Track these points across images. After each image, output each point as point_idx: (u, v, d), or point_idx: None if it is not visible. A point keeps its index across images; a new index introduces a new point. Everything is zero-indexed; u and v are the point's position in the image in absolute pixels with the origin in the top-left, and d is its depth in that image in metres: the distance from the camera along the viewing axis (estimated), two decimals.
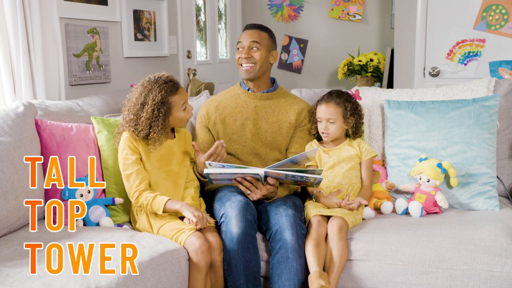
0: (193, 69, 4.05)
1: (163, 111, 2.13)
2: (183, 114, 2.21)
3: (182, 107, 2.19)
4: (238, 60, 2.45)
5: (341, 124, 2.35)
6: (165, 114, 2.14)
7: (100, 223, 2.22)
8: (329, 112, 2.33)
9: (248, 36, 2.43)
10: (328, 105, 2.34)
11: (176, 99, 2.17)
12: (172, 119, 2.19)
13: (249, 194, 2.23)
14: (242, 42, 2.43)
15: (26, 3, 2.37)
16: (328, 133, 2.34)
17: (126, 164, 2.14)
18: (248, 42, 2.41)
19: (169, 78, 2.20)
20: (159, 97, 2.12)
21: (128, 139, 2.16)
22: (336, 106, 2.33)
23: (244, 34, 2.45)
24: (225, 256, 2.06)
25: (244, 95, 2.50)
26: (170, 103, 2.15)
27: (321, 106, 2.35)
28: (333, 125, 2.33)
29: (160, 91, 2.13)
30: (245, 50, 2.41)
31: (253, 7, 5.16)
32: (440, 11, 3.46)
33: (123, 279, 1.68)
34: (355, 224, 2.19)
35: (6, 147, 2.06)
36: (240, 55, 2.43)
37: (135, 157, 2.15)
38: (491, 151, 2.37)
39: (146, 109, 2.12)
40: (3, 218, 1.98)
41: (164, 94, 2.13)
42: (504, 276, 1.92)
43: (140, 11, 3.38)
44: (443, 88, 2.65)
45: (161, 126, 2.14)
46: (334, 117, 2.32)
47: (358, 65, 4.36)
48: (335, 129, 2.34)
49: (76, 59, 2.81)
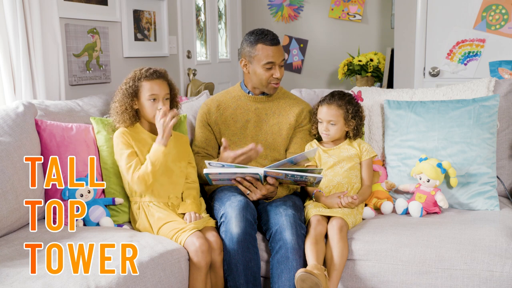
0: (193, 69, 4.05)
1: (128, 86, 2.21)
2: (149, 106, 2.21)
3: (150, 97, 2.20)
4: (269, 79, 2.39)
5: (342, 126, 2.35)
6: (129, 91, 2.21)
7: (100, 223, 2.22)
8: (331, 114, 2.33)
9: (279, 56, 2.37)
10: (329, 107, 2.34)
11: (146, 84, 2.21)
12: (140, 106, 2.23)
13: (248, 194, 2.23)
14: (274, 61, 2.36)
15: (26, 3, 2.37)
16: (329, 134, 2.34)
17: (122, 158, 2.18)
18: (279, 61, 2.38)
19: (157, 68, 2.26)
20: (132, 74, 2.23)
21: (121, 135, 2.20)
22: (338, 109, 2.33)
23: (275, 52, 2.36)
24: (225, 256, 2.06)
25: (245, 97, 2.50)
26: (139, 85, 2.21)
27: (323, 108, 2.35)
28: (334, 127, 2.33)
29: (138, 71, 2.23)
30: (279, 70, 2.38)
31: (253, 7, 5.16)
32: (440, 11, 3.46)
33: (123, 279, 1.68)
34: (355, 224, 2.19)
35: (6, 147, 2.06)
36: (275, 76, 2.38)
37: (130, 150, 2.18)
38: (491, 151, 2.37)
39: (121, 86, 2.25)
40: (3, 218, 1.98)
41: (138, 75, 2.22)
42: (504, 276, 1.92)
43: (140, 11, 3.38)
44: (443, 88, 2.65)
45: (121, 100, 2.21)
46: (335, 119, 2.33)
47: (358, 65, 4.36)
48: (336, 131, 2.34)
49: (76, 59, 2.81)
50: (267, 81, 2.39)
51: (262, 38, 2.36)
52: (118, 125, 2.24)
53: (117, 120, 2.24)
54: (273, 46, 2.36)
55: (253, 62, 2.39)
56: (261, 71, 2.37)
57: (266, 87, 2.42)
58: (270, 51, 2.35)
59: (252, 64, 2.39)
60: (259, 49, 2.36)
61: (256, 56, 2.37)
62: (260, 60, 2.36)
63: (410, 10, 3.57)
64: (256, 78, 2.40)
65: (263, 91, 2.47)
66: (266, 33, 2.37)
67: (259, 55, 2.36)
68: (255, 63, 2.38)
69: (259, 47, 2.36)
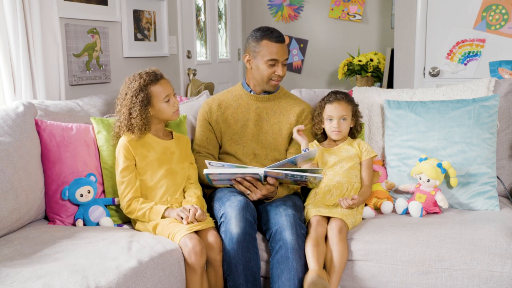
0: (193, 69, 4.05)
1: (141, 98, 2.16)
2: (166, 106, 2.20)
3: (165, 99, 2.19)
4: (270, 76, 2.41)
5: (350, 123, 2.40)
6: (144, 103, 2.16)
7: (100, 223, 2.22)
8: (343, 109, 2.37)
9: (283, 54, 2.39)
10: (340, 103, 2.37)
11: (157, 88, 2.19)
12: (155, 111, 2.20)
13: (249, 194, 2.23)
14: (278, 59, 2.38)
15: (26, 3, 2.37)
16: (341, 131, 2.37)
17: (119, 170, 2.18)
18: (282, 59, 2.39)
19: (152, 69, 2.23)
20: (137, 84, 2.17)
21: (124, 146, 2.18)
22: (348, 104, 2.39)
23: (280, 49, 2.38)
24: (224, 256, 2.06)
25: (246, 96, 2.50)
26: (149, 92, 2.18)
27: (332, 105, 2.38)
28: (345, 122, 2.37)
29: (139, 79, 2.18)
30: (281, 68, 2.39)
31: (253, 7, 5.16)
32: (440, 11, 3.46)
33: (123, 279, 1.68)
34: (355, 224, 2.19)
35: (6, 147, 2.06)
36: (277, 73, 2.39)
37: (127, 164, 2.17)
38: (491, 151, 2.37)
39: (127, 98, 2.18)
40: (3, 218, 1.98)
41: (143, 82, 2.17)
42: (504, 276, 1.92)
43: (140, 11, 3.38)
44: (443, 88, 2.65)
45: (140, 114, 2.15)
46: (347, 114, 2.37)
47: (358, 65, 4.36)
48: (346, 127, 2.39)
49: (76, 59, 2.81)
50: (269, 77, 2.41)
51: (268, 35, 2.38)
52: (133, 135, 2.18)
53: (137, 132, 2.17)
54: (277, 43, 2.38)
55: (257, 58, 2.41)
56: (264, 67, 2.39)
57: (267, 84, 2.43)
58: (275, 48, 2.37)
59: (256, 59, 2.41)
60: (263, 45, 2.38)
61: (260, 51, 2.39)
62: (264, 56, 2.38)
63: (410, 10, 3.57)
64: (258, 74, 2.42)
65: (264, 89, 2.47)
66: (272, 30, 2.41)
67: (263, 51, 2.38)
68: (259, 58, 2.40)
69: (264, 43, 2.38)
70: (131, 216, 2.18)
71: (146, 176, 2.19)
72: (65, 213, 2.22)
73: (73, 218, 2.22)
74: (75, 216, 2.21)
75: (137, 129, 2.16)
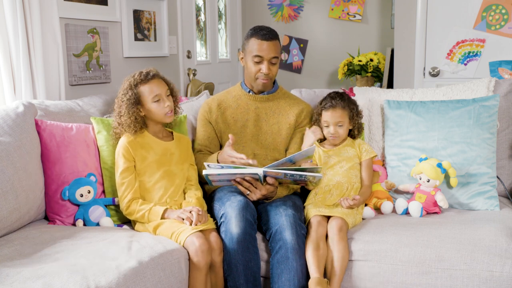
0: (193, 69, 4.05)
1: (128, 97, 2.16)
2: (156, 107, 2.19)
3: (154, 99, 2.18)
4: (256, 74, 2.41)
5: (348, 126, 2.39)
6: (132, 101, 2.16)
7: (100, 223, 2.22)
8: (338, 115, 2.35)
9: (269, 51, 2.37)
10: (335, 110, 2.36)
11: (145, 88, 2.18)
12: (146, 111, 2.20)
13: (248, 195, 2.23)
14: (263, 56, 2.37)
15: (26, 3, 2.37)
16: (338, 136, 2.36)
17: (119, 171, 2.18)
18: (269, 57, 2.38)
19: (148, 69, 2.23)
20: (127, 84, 2.19)
21: (124, 147, 2.18)
22: (343, 110, 2.37)
23: (265, 46, 2.36)
24: (225, 256, 2.06)
25: (245, 96, 2.50)
26: (138, 91, 2.18)
27: (328, 112, 2.37)
28: (342, 128, 2.36)
29: (131, 78, 2.20)
30: (267, 66, 2.38)
31: (253, 7, 5.16)
32: (440, 11, 3.46)
33: (123, 279, 1.68)
34: (355, 224, 2.19)
35: (6, 147, 2.06)
36: (262, 71, 2.39)
37: (127, 165, 2.17)
38: (491, 151, 2.37)
39: (119, 96, 2.21)
40: (3, 218, 1.98)
41: (133, 82, 2.18)
42: (504, 276, 1.92)
43: (140, 11, 3.38)
44: (443, 88, 2.65)
45: (128, 113, 2.16)
46: (342, 120, 2.36)
47: (358, 65, 4.36)
48: (344, 132, 2.37)
49: (76, 59, 2.81)
50: (255, 75, 2.42)
51: (257, 33, 2.40)
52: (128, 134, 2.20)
53: (128, 131, 2.19)
54: (264, 40, 2.37)
55: (246, 55, 2.44)
56: (251, 64, 2.41)
57: (255, 82, 2.44)
58: (259, 45, 2.37)
59: (246, 57, 2.45)
60: (251, 42, 2.40)
61: (248, 48, 2.42)
62: (251, 53, 2.40)
63: (410, 10, 3.57)
64: (247, 71, 2.45)
65: (258, 89, 2.47)
66: (262, 29, 2.41)
67: (250, 48, 2.40)
68: (247, 55, 2.42)
69: (251, 40, 2.40)
70: (131, 218, 2.18)
71: (144, 178, 2.20)
72: (65, 213, 2.22)
73: (73, 218, 2.22)
74: (75, 216, 2.21)
75: (127, 127, 2.18)
